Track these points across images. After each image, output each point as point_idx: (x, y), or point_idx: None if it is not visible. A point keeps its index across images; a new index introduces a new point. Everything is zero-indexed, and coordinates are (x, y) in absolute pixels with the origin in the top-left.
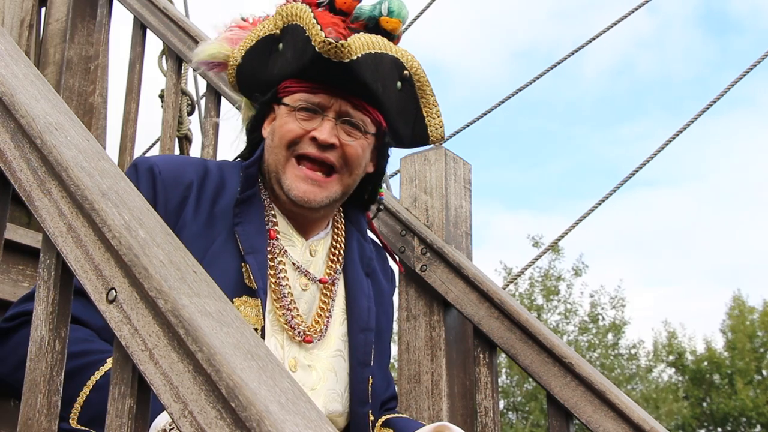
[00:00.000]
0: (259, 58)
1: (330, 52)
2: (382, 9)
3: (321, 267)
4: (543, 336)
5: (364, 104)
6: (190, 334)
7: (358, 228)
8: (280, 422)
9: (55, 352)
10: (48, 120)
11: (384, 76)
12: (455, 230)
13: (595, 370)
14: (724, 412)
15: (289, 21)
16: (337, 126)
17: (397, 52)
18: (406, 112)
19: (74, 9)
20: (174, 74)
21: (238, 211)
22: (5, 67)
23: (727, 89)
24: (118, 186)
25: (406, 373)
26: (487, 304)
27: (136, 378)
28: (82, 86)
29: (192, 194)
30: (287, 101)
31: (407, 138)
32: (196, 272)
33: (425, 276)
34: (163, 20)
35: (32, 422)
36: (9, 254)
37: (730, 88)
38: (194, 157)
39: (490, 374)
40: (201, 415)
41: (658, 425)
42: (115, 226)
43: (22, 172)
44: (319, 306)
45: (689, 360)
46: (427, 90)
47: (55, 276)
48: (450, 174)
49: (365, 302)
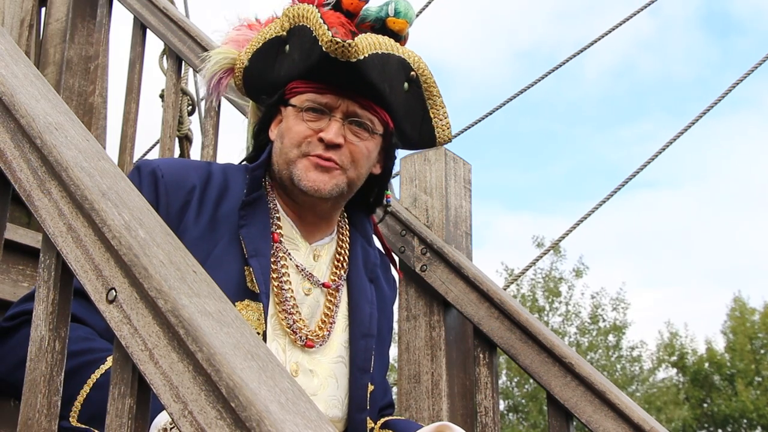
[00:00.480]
0: (265, 60)
1: (337, 51)
2: (389, 10)
3: (325, 272)
4: (543, 336)
5: (371, 104)
6: (190, 334)
7: (362, 233)
8: (280, 422)
9: (55, 352)
10: (48, 120)
11: (391, 77)
12: (455, 230)
13: (595, 370)
14: (724, 414)
15: (295, 22)
16: (344, 126)
17: (404, 52)
18: (413, 113)
19: (74, 9)
20: (174, 74)
21: (243, 213)
22: (5, 67)
23: (729, 90)
24: (118, 186)
25: (406, 373)
26: (487, 304)
27: (136, 378)
28: (82, 86)
29: (194, 198)
30: (294, 102)
31: (414, 139)
32: (196, 272)
33: (425, 276)
34: (163, 20)
35: (32, 422)
36: (9, 254)
37: (733, 89)
38: (198, 161)
39: (490, 374)
40: (201, 415)
41: (658, 425)
42: (115, 226)
43: (22, 172)
44: (324, 312)
45: (690, 361)
46: (434, 91)
47: (55, 276)
48: (450, 174)
49: (368, 308)
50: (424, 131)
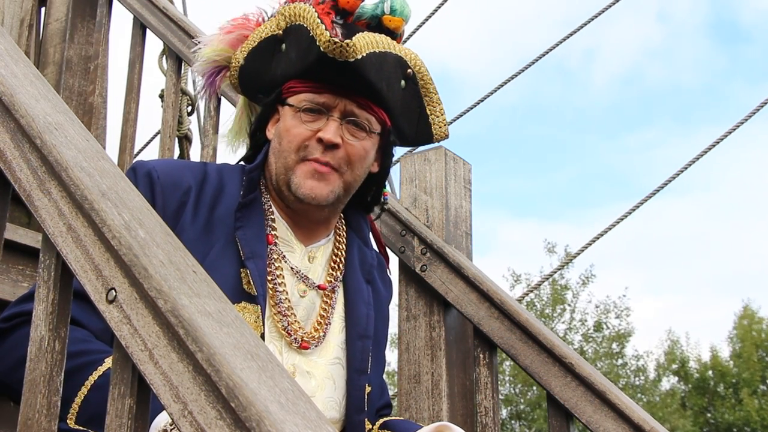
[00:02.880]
0: (261, 59)
1: (335, 51)
2: (385, 8)
3: (320, 274)
4: (543, 336)
5: (369, 103)
6: (189, 334)
7: (359, 235)
8: (280, 422)
9: (54, 352)
10: (48, 120)
11: (388, 75)
12: (455, 230)
13: (596, 370)
14: (728, 423)
15: (292, 21)
16: (342, 126)
17: (401, 50)
18: (410, 110)
19: (74, 9)
20: (174, 74)
21: (240, 215)
22: (5, 67)
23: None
24: (117, 186)
25: (406, 373)
26: (487, 304)
27: (136, 378)
28: (81, 86)
29: (190, 199)
30: (291, 102)
31: (411, 137)
32: (195, 272)
33: (425, 276)
34: (162, 20)
35: (32, 422)
36: (9, 254)
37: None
38: (193, 162)
39: (490, 374)
40: (201, 415)
41: (658, 425)
42: (115, 226)
43: (21, 172)
44: (320, 313)
45: (693, 368)
46: (430, 88)
47: (55, 276)
48: (450, 174)
49: (364, 309)
50: (421, 128)
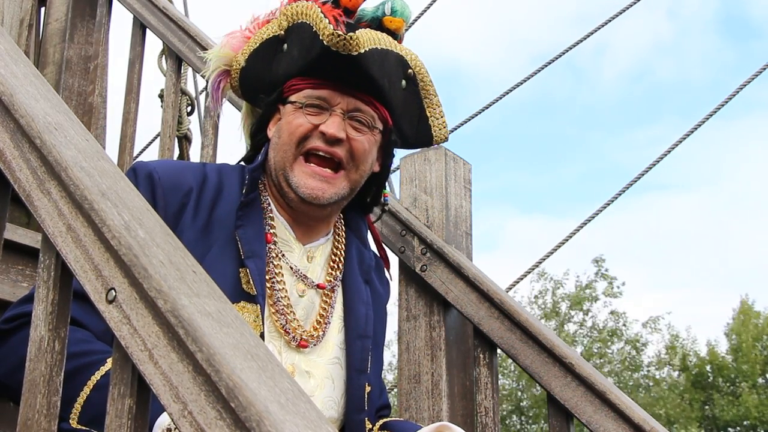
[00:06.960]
0: (263, 61)
1: (339, 44)
2: (386, 9)
3: (319, 273)
4: (543, 336)
5: (372, 100)
6: (189, 334)
7: (358, 235)
8: (280, 422)
9: (54, 353)
10: (47, 120)
11: (390, 73)
12: (455, 230)
13: (596, 370)
14: (727, 418)
15: (294, 20)
16: (344, 121)
17: (402, 50)
18: (410, 111)
19: (74, 9)
20: (174, 74)
21: (241, 213)
22: (5, 66)
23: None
24: (117, 186)
25: (406, 373)
26: (487, 304)
27: (136, 378)
28: (81, 86)
29: (191, 201)
30: (293, 98)
31: (411, 138)
32: (195, 272)
33: (425, 276)
34: (162, 20)
35: (32, 422)
36: (8, 254)
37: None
38: (193, 162)
39: (490, 374)
40: (201, 416)
41: (658, 425)
42: (115, 226)
43: (21, 171)
44: (319, 312)
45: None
46: (430, 90)
47: (55, 276)
48: (450, 174)
49: (363, 309)
50: (420, 130)
